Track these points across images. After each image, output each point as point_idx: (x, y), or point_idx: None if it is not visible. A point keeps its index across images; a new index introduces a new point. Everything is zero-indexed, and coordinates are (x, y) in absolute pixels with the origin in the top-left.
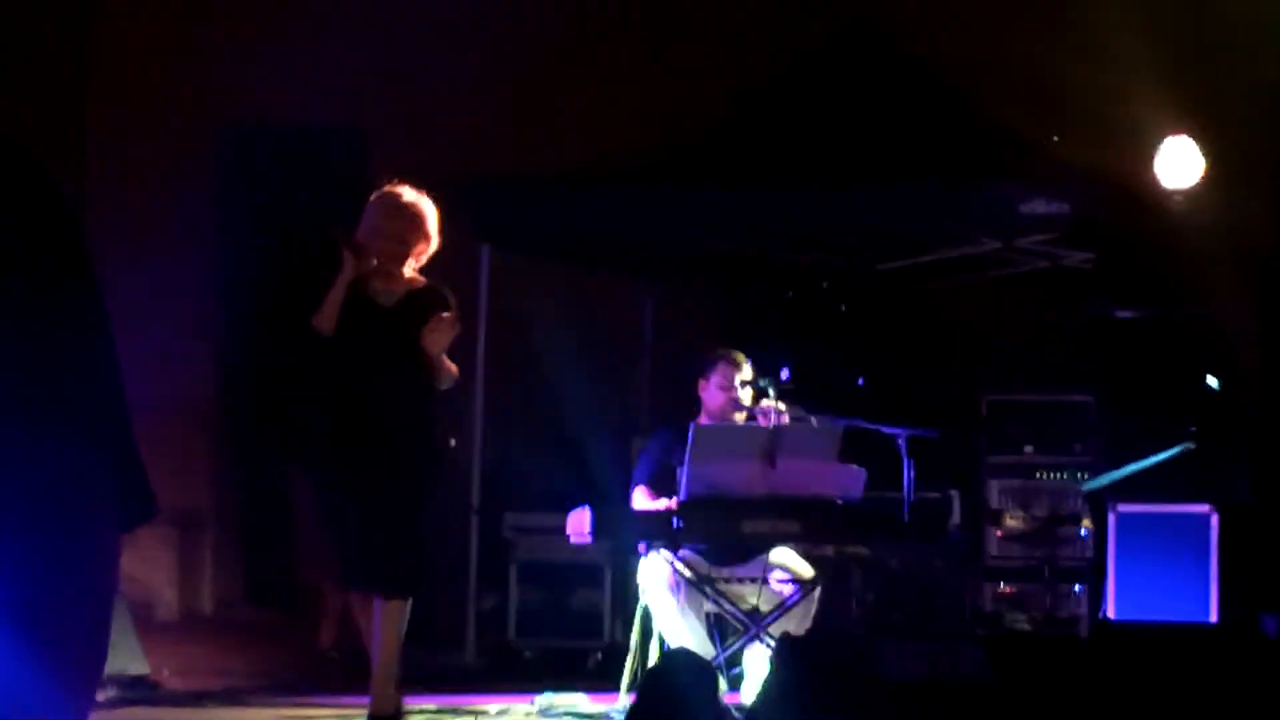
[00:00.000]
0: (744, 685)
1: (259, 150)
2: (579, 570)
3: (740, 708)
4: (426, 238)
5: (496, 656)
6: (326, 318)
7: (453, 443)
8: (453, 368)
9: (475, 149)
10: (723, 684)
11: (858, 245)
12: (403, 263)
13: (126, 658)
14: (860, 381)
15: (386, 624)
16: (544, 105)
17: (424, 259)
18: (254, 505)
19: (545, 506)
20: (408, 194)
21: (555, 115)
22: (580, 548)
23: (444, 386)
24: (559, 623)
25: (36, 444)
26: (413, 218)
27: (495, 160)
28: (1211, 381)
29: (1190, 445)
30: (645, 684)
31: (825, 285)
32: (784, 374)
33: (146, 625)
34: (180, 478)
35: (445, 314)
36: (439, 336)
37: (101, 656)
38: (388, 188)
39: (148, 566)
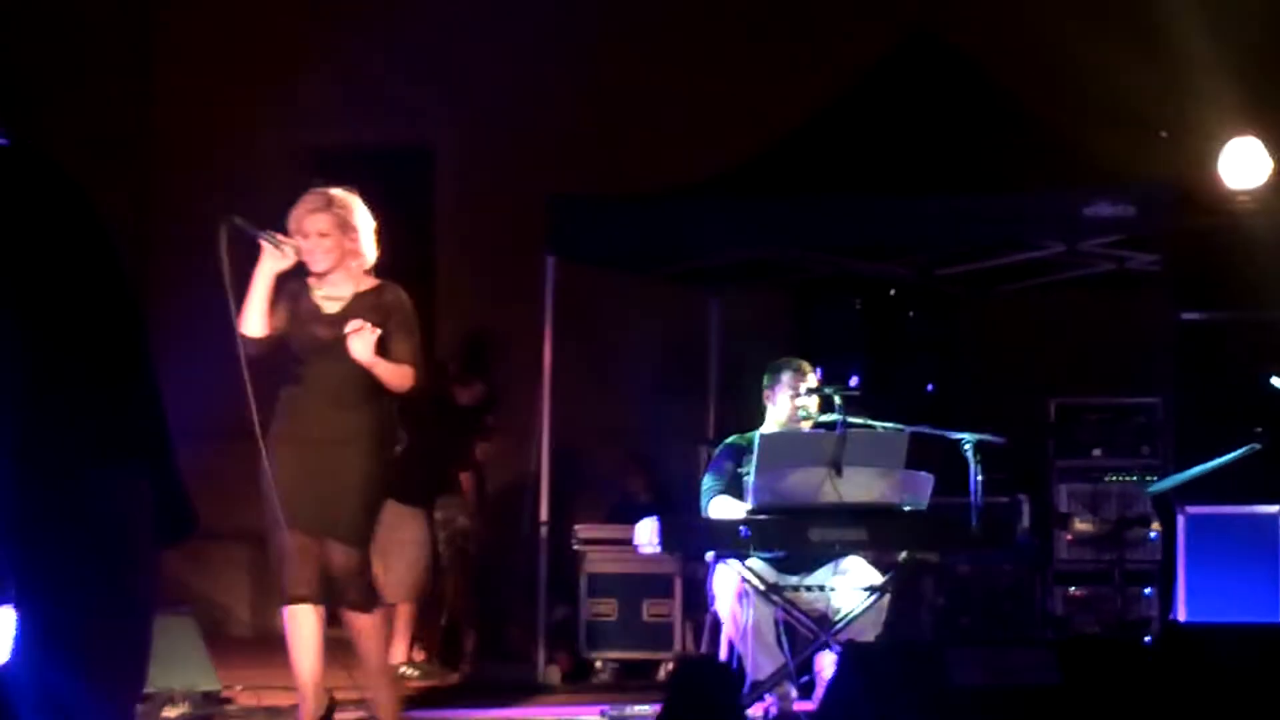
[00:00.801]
0: (814, 693)
1: (325, 172)
2: (648, 581)
3: (810, 715)
4: (353, 231)
5: (567, 668)
6: (247, 321)
7: (399, 449)
8: (397, 372)
9: (540, 166)
10: (793, 692)
11: (924, 252)
12: (333, 263)
13: (197, 674)
14: (929, 388)
15: (367, 640)
16: (609, 120)
17: (365, 255)
18: None
19: (614, 518)
20: (328, 191)
21: (620, 130)
22: (649, 558)
23: (399, 390)
24: (629, 634)
25: (76, 463)
26: (334, 213)
27: (560, 176)
28: (1278, 383)
29: (1258, 446)
30: (669, 694)
31: (893, 293)
32: (852, 381)
33: (220, 642)
34: (251, 498)
35: (356, 322)
36: (355, 344)
37: (142, 669)
38: (312, 190)
39: (221, 584)
